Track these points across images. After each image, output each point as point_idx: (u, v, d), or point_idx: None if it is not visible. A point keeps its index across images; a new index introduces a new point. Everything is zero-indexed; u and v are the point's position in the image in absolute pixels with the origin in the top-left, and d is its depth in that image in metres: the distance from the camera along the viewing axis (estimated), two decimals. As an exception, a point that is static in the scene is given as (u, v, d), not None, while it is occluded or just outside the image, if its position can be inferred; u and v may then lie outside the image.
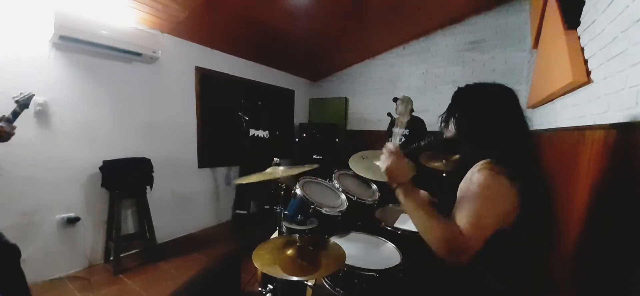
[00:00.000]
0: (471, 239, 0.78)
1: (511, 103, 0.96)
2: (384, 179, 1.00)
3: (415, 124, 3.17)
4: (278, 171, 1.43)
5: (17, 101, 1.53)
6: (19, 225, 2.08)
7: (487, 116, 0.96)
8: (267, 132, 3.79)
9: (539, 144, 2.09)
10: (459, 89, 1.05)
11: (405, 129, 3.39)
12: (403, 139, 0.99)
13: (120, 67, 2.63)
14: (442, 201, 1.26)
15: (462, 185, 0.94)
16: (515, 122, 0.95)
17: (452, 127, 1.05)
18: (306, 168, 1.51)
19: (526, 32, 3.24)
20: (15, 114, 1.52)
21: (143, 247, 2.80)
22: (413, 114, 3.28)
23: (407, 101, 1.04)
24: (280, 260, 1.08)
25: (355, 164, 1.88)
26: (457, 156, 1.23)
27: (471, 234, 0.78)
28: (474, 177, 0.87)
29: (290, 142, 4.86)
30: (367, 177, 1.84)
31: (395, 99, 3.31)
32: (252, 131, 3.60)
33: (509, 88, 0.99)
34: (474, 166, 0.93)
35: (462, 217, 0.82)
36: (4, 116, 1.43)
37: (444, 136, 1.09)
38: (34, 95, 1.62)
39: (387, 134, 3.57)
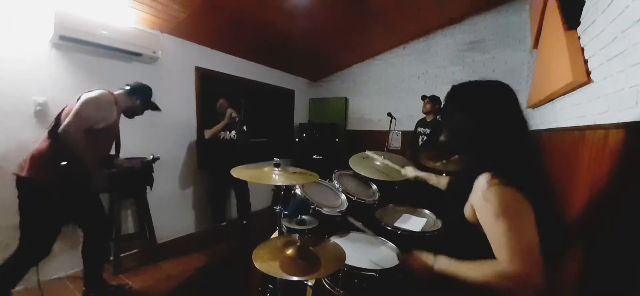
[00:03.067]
0: (524, 273, 0.71)
1: (511, 104, 0.88)
2: (385, 177, 1.00)
3: (438, 125, 3.20)
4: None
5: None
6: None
7: (484, 121, 0.87)
8: (233, 133, 3.15)
9: (541, 146, 2.09)
10: (453, 88, 0.96)
11: (428, 128, 3.38)
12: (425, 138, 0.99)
13: (120, 67, 2.63)
14: (445, 211, 1.25)
15: (477, 204, 0.84)
16: (516, 126, 0.87)
17: (445, 133, 0.99)
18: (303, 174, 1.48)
19: (526, 32, 3.24)
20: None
21: (143, 247, 2.79)
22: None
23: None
24: (280, 260, 1.08)
25: (356, 163, 1.89)
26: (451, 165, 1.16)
27: (520, 267, 0.72)
28: (486, 194, 0.80)
29: (290, 143, 4.86)
30: (367, 176, 1.85)
31: (423, 97, 3.33)
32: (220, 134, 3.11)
33: (507, 86, 0.90)
34: (477, 181, 0.85)
35: (502, 254, 0.75)
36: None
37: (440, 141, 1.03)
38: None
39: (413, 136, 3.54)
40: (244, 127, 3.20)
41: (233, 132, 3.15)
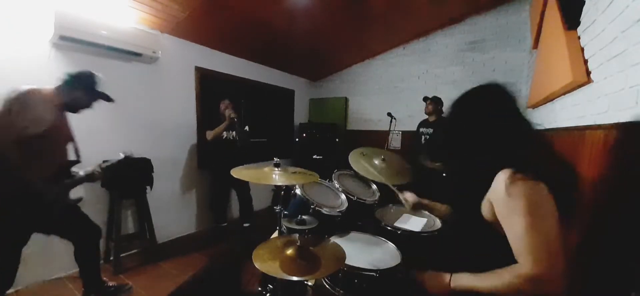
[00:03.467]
0: (545, 274, 0.71)
1: (512, 102, 0.89)
2: (384, 180, 0.99)
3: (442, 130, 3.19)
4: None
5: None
6: (19, 225, 2.08)
7: (488, 119, 0.87)
8: (233, 133, 3.14)
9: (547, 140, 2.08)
10: (457, 100, 0.96)
11: (430, 129, 3.38)
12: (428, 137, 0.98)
13: (120, 67, 2.63)
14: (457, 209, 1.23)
15: (497, 199, 0.81)
16: (518, 119, 0.88)
17: (454, 138, 0.98)
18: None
19: (526, 32, 3.24)
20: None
21: (143, 247, 2.79)
22: (442, 116, 3.29)
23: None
24: (280, 260, 1.08)
25: (355, 162, 1.88)
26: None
27: (541, 268, 0.71)
28: (510, 190, 0.76)
29: (290, 143, 4.87)
30: (367, 176, 1.84)
31: (425, 99, 3.33)
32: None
33: (497, 85, 0.91)
34: (497, 177, 0.81)
35: (522, 254, 0.74)
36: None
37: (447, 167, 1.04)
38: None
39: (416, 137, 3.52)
40: (246, 128, 3.21)
41: (234, 132, 3.15)
